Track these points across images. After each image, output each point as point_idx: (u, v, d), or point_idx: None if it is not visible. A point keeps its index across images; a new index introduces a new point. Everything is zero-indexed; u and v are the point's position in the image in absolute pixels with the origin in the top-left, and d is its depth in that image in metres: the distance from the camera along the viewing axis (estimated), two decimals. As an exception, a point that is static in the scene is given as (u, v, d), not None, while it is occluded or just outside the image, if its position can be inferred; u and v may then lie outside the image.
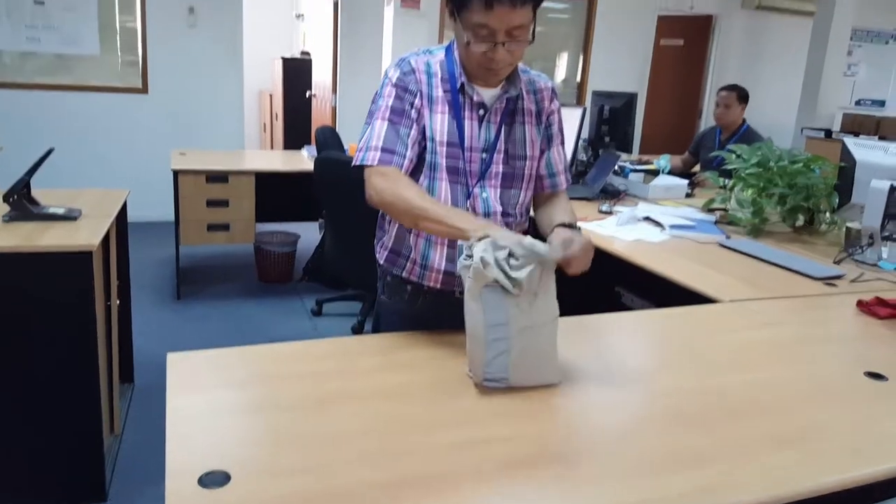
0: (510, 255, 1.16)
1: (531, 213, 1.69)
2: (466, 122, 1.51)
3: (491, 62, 1.41)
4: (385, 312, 1.71)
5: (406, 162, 1.45)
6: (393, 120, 1.47)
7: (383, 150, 1.44)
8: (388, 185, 1.41)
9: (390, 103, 1.48)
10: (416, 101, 1.48)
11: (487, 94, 1.51)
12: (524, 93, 1.56)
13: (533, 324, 1.20)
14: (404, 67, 1.50)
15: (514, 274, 1.15)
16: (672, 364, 1.41)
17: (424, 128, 1.49)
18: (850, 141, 2.46)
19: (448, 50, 1.53)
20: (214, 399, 1.13)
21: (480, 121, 1.52)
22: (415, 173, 1.51)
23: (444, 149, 1.50)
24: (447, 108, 1.50)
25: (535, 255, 1.16)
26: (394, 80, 1.49)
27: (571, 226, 1.46)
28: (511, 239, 1.18)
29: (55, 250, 2.00)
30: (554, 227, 1.46)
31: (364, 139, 1.47)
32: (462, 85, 1.49)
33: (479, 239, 1.19)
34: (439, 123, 1.50)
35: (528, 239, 1.19)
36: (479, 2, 1.32)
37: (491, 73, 1.46)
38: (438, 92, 1.50)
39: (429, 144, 1.50)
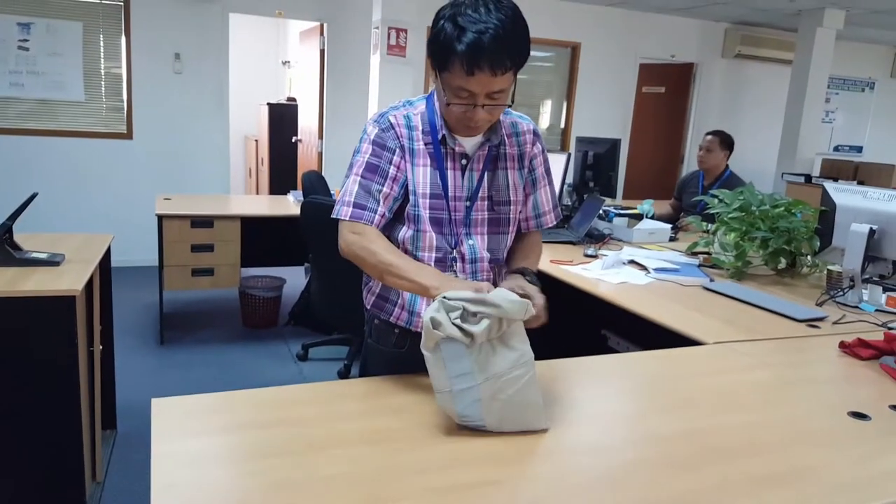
0: (465, 312, 1.18)
1: None
2: (449, 173, 1.52)
3: (470, 121, 1.44)
4: (373, 355, 1.70)
5: (377, 217, 1.48)
6: (366, 176, 1.49)
7: (355, 205, 1.48)
8: (357, 239, 1.46)
9: (366, 160, 1.50)
10: (395, 158, 1.49)
11: (469, 143, 1.53)
12: (505, 137, 1.58)
13: (501, 371, 1.19)
14: (383, 124, 1.51)
15: (469, 328, 1.17)
16: (659, 407, 1.41)
17: (407, 182, 1.50)
18: (830, 186, 2.51)
19: (429, 100, 1.55)
20: (200, 446, 1.11)
21: (463, 170, 1.54)
22: (396, 224, 1.53)
23: (427, 201, 1.51)
24: (429, 161, 1.51)
25: (494, 313, 1.18)
26: (372, 137, 1.50)
27: (525, 273, 1.50)
28: (468, 295, 1.20)
29: (38, 295, 1.98)
30: (511, 271, 1.52)
31: (341, 193, 1.52)
32: (443, 137, 1.50)
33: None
34: (421, 176, 1.51)
35: (494, 293, 1.20)
36: (461, 67, 1.33)
37: (470, 130, 1.49)
38: (420, 145, 1.51)
39: (411, 198, 1.51)
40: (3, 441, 2.03)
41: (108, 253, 2.69)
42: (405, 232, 1.53)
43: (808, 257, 2.75)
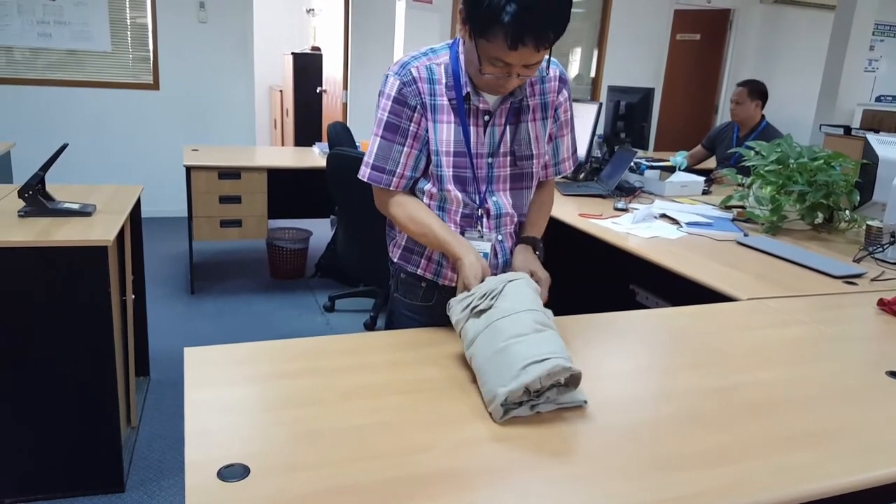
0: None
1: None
2: (472, 129, 1.48)
3: (501, 87, 1.40)
4: (399, 309, 1.70)
5: (395, 180, 1.49)
6: (386, 137, 1.47)
7: (373, 167, 1.49)
8: (383, 202, 1.54)
9: (385, 118, 1.46)
10: (416, 115, 1.46)
11: (492, 99, 1.48)
12: (529, 85, 1.52)
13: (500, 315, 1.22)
14: (404, 77, 1.45)
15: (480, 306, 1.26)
16: (690, 363, 1.39)
17: (428, 140, 1.47)
18: (873, 138, 2.42)
19: (453, 49, 1.48)
20: (231, 394, 1.13)
21: (485, 126, 1.50)
22: (423, 181, 1.53)
23: (451, 159, 1.48)
24: (453, 116, 1.47)
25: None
26: (393, 93, 1.45)
27: (535, 245, 1.54)
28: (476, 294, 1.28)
29: (71, 245, 2.01)
30: (521, 241, 1.56)
31: (367, 152, 1.52)
32: (468, 94, 1.45)
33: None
34: (444, 133, 1.47)
35: (507, 292, 1.26)
36: (504, 41, 1.26)
37: (499, 92, 1.44)
38: (442, 100, 1.46)
39: (434, 158, 1.48)
40: (42, 388, 2.10)
41: (138, 203, 2.71)
42: (431, 189, 1.52)
43: (847, 212, 2.67)
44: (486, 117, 1.49)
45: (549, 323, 1.22)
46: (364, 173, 1.50)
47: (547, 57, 1.41)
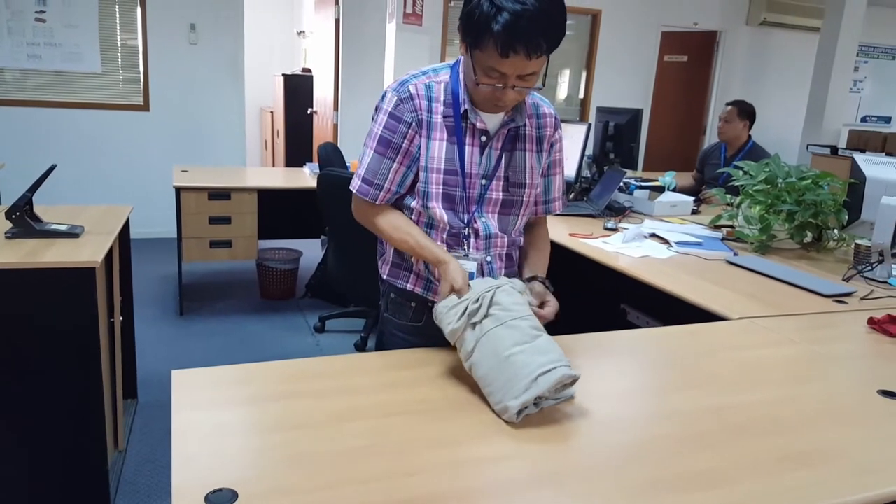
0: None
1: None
2: (468, 148, 1.49)
3: (499, 100, 1.40)
4: (389, 329, 1.69)
5: (382, 194, 1.50)
6: (378, 151, 1.49)
7: (364, 180, 1.51)
8: (363, 213, 1.56)
9: (380, 133, 1.48)
10: (409, 132, 1.47)
11: (491, 121, 1.49)
12: (526, 117, 1.54)
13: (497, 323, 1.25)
14: (402, 94, 1.46)
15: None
16: (681, 383, 1.38)
17: (419, 157, 1.48)
18: (860, 157, 2.45)
19: (454, 69, 1.50)
20: (220, 417, 1.11)
21: (482, 147, 1.50)
22: (409, 197, 1.53)
23: (441, 176, 1.48)
24: (446, 135, 1.48)
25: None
26: (389, 108, 1.47)
27: (545, 282, 1.54)
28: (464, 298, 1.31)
29: (58, 267, 1.98)
30: (530, 279, 1.55)
31: (359, 163, 1.53)
32: (465, 111, 1.46)
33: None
34: (437, 150, 1.47)
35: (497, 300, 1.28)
36: (495, 49, 1.28)
37: (497, 108, 1.45)
38: (437, 118, 1.47)
39: (421, 174, 1.49)
40: (27, 411, 2.06)
41: (126, 224, 2.69)
42: (417, 206, 1.52)
43: (835, 231, 2.69)
44: (484, 137, 1.50)
45: (541, 327, 1.28)
46: (355, 184, 1.52)
47: (540, 97, 1.46)
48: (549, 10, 1.28)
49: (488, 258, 1.56)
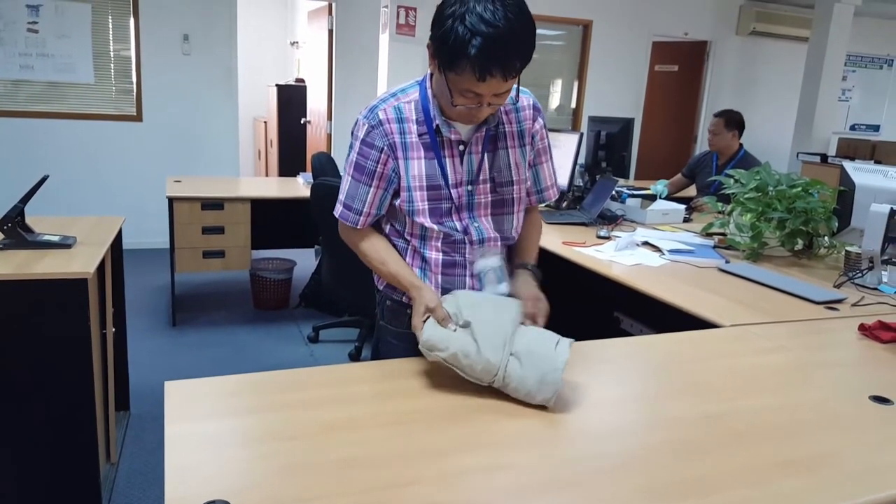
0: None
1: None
2: (447, 161, 1.50)
3: (474, 117, 1.43)
4: (385, 337, 1.69)
5: (361, 219, 1.55)
6: (355, 177, 1.52)
7: (344, 205, 1.56)
8: (347, 236, 1.62)
9: (355, 159, 1.51)
10: (382, 157, 1.48)
11: (465, 128, 1.50)
12: (504, 114, 1.54)
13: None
14: (372, 120, 1.47)
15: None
16: (675, 390, 1.39)
17: (400, 178, 1.49)
18: (849, 165, 2.47)
19: (422, 85, 1.50)
20: (213, 428, 1.11)
21: (461, 155, 1.51)
22: (398, 216, 1.55)
23: (425, 193, 1.50)
24: (423, 152, 1.49)
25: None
26: (361, 135, 1.49)
27: (533, 271, 1.57)
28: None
29: (50, 278, 1.98)
30: (518, 266, 1.58)
31: (340, 190, 1.58)
32: (437, 127, 1.47)
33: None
34: (416, 169, 1.49)
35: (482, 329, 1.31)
36: (472, 74, 1.28)
37: (472, 122, 1.47)
38: (412, 138, 1.48)
39: (404, 193, 1.50)
40: (19, 423, 2.05)
41: (119, 235, 2.68)
42: (406, 224, 1.54)
43: (826, 238, 2.71)
44: (461, 147, 1.51)
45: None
46: (337, 210, 1.58)
47: (516, 86, 1.45)
48: (520, 30, 1.28)
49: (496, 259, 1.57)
